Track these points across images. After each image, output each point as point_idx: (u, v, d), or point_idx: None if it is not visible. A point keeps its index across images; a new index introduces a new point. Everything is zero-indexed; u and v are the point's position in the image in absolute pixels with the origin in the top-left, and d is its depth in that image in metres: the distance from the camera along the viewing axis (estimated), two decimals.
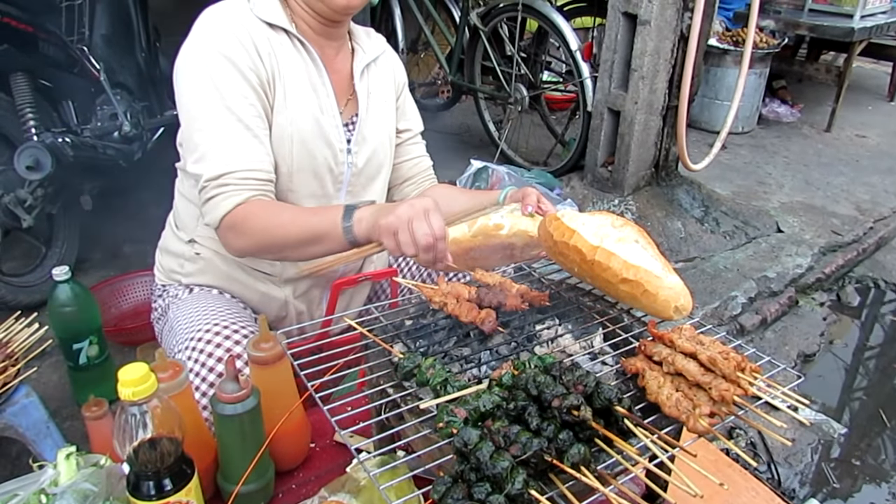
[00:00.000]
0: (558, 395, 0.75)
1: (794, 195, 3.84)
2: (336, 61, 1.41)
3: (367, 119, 1.43)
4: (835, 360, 2.76)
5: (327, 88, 1.35)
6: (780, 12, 4.64)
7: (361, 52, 1.45)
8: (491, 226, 1.24)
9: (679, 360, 0.88)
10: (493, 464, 0.68)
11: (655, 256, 1.04)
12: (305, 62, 1.33)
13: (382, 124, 1.48)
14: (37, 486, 1.00)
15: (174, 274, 1.48)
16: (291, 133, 1.30)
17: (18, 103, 2.44)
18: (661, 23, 2.88)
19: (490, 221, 1.24)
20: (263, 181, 1.24)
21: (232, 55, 1.21)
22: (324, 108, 1.35)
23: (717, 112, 4.49)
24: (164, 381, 0.99)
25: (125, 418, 0.90)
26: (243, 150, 1.21)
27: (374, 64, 1.48)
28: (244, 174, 1.21)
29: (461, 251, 1.23)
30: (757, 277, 2.97)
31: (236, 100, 1.21)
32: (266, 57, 1.26)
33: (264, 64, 1.25)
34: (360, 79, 1.43)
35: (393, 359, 0.95)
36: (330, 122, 1.35)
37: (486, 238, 1.24)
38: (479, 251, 1.24)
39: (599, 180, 3.31)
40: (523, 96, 3.57)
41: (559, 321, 1.10)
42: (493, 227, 1.23)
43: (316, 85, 1.34)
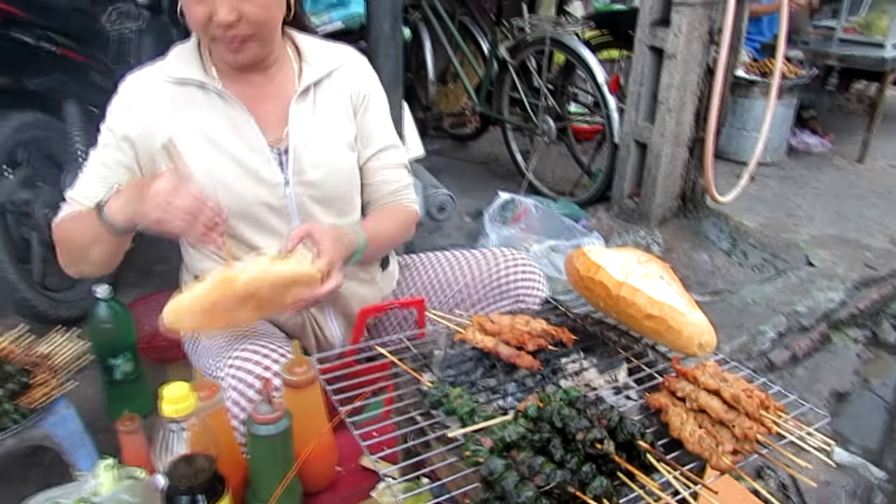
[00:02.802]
0: (582, 429, 0.77)
1: (826, 228, 3.79)
2: (270, 89, 1.42)
3: (308, 145, 1.41)
4: (873, 399, 2.69)
5: (251, 125, 1.37)
6: (808, 43, 4.64)
7: (308, 71, 1.43)
8: (226, 275, 1.17)
9: (702, 396, 0.90)
10: (518, 493, 0.70)
11: (680, 293, 1.06)
12: (224, 107, 1.36)
13: (334, 144, 1.45)
14: (78, 495, 1.05)
15: None
16: (213, 183, 1.34)
17: (69, 128, 2.56)
18: (688, 56, 2.91)
19: (227, 272, 1.18)
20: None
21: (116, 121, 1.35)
22: (252, 146, 1.37)
23: (745, 143, 4.48)
24: (202, 400, 1.03)
25: (165, 433, 0.94)
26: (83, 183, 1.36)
27: (326, 79, 1.45)
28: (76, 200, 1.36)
29: (204, 306, 1.17)
30: (787, 312, 2.93)
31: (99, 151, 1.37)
32: (159, 119, 1.34)
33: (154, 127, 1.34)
34: (299, 102, 1.41)
35: (422, 387, 0.98)
36: (261, 158, 1.37)
37: (225, 288, 1.16)
38: (222, 303, 1.17)
39: (626, 212, 3.32)
40: (550, 127, 3.61)
41: (584, 355, 1.12)
42: (229, 277, 1.17)
43: (240, 126, 1.37)
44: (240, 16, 1.23)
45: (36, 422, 1.44)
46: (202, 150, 1.35)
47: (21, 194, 2.48)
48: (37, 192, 2.50)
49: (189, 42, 1.40)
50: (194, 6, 1.23)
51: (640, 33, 3.01)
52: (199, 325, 1.20)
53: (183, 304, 1.17)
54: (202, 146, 1.35)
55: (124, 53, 3.04)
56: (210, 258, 1.46)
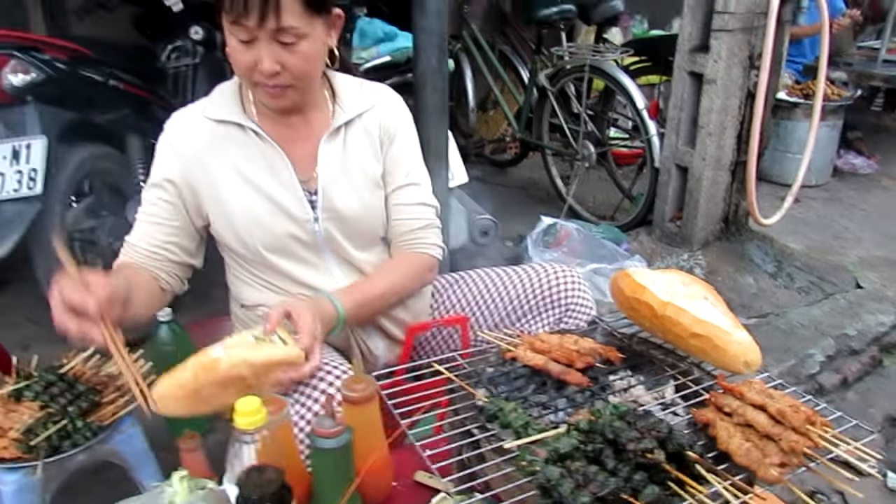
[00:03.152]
0: (633, 439, 0.82)
1: (874, 250, 3.73)
2: (305, 130, 1.47)
3: (337, 182, 1.46)
4: None
5: (286, 163, 1.43)
6: (851, 64, 4.61)
7: (340, 112, 1.48)
8: (207, 361, 1.16)
9: (749, 411, 0.93)
10: (574, 499, 0.75)
11: (724, 313, 1.10)
12: (261, 146, 1.42)
13: (361, 183, 1.50)
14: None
15: (249, 325, 1.58)
16: (248, 218, 1.42)
17: (132, 161, 2.72)
18: (728, 81, 2.93)
19: (206, 357, 1.16)
20: (143, 253, 1.43)
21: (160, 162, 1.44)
22: (285, 184, 1.43)
23: (789, 165, 4.44)
24: (271, 414, 1.10)
25: (238, 445, 1.01)
26: (137, 227, 1.44)
27: (357, 120, 1.50)
28: (130, 243, 1.44)
29: (188, 393, 1.16)
30: (836, 335, 2.89)
31: (148, 192, 1.44)
32: (198, 159, 1.41)
33: (194, 166, 1.41)
34: (329, 141, 1.47)
35: (476, 402, 1.03)
36: (292, 196, 1.44)
37: (207, 375, 1.15)
38: (207, 389, 1.16)
39: (668, 235, 3.33)
40: (591, 153, 3.66)
41: (631, 372, 1.16)
42: (210, 362, 1.15)
43: (274, 164, 1.43)
44: (282, 66, 1.28)
45: (105, 438, 1.50)
46: (238, 187, 1.42)
47: (87, 223, 2.64)
48: (101, 221, 2.64)
49: (232, 81, 1.47)
50: (239, 54, 1.28)
51: (680, 59, 3.05)
52: (186, 409, 1.19)
53: (169, 391, 1.17)
54: (238, 184, 1.42)
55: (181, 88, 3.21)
56: (251, 286, 1.55)
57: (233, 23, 1.24)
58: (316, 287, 1.51)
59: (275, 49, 1.26)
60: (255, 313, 1.55)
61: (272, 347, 1.20)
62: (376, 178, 1.52)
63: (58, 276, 1.14)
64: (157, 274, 1.44)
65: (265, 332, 1.23)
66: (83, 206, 2.64)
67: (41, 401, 1.47)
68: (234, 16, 1.23)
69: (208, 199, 1.44)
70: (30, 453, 1.37)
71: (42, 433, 1.39)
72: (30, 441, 1.38)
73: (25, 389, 1.49)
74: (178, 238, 1.45)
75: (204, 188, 1.43)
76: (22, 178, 2.22)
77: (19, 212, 2.24)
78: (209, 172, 1.42)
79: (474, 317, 1.73)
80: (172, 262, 1.46)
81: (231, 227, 1.45)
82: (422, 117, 2.07)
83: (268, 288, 1.53)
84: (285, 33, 1.25)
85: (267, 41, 1.25)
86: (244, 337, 1.23)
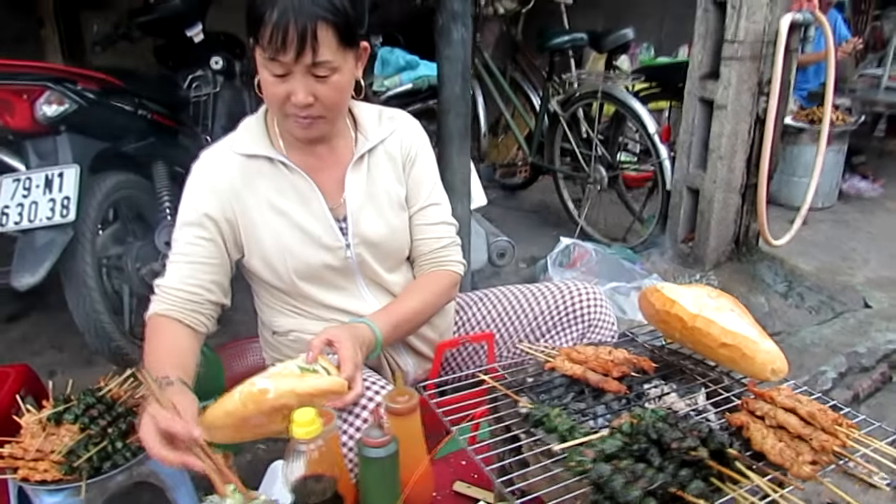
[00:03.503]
0: (677, 439, 0.87)
1: (881, 270, 3.79)
2: (331, 159, 1.51)
3: (364, 209, 1.51)
4: None
5: (316, 193, 1.47)
6: (855, 90, 4.72)
7: (363, 141, 1.52)
8: (256, 391, 1.20)
9: (780, 414, 0.99)
10: (626, 493, 0.80)
11: (751, 324, 1.16)
12: (291, 177, 1.46)
13: (387, 207, 1.54)
14: None
15: (281, 350, 1.63)
16: (281, 249, 1.45)
17: (157, 188, 2.78)
18: (738, 107, 3.02)
19: (255, 387, 1.20)
20: (182, 297, 1.41)
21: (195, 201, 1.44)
22: (315, 213, 1.47)
23: (796, 189, 4.53)
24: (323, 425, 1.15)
25: (295, 454, 1.06)
26: (172, 270, 1.43)
27: (380, 146, 1.55)
28: (166, 288, 1.42)
29: (236, 422, 1.21)
30: (846, 353, 2.94)
31: (182, 233, 1.44)
32: (233, 193, 1.43)
33: (230, 200, 1.43)
34: (354, 170, 1.51)
35: (520, 410, 1.09)
36: (323, 225, 1.48)
37: (256, 405, 1.19)
38: (254, 419, 1.21)
39: (680, 256, 3.40)
40: (603, 176, 3.74)
41: (664, 382, 1.22)
42: (258, 393, 1.19)
43: (304, 194, 1.47)
44: (315, 98, 1.32)
45: (144, 459, 1.51)
46: (271, 219, 1.46)
47: (114, 249, 2.70)
48: (128, 248, 2.70)
49: (256, 116, 1.52)
50: (273, 86, 1.31)
51: (690, 86, 3.14)
52: (231, 437, 1.24)
53: (217, 420, 1.21)
54: (271, 216, 1.46)
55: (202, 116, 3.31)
56: (284, 314, 1.58)
57: (270, 59, 1.28)
58: (349, 311, 1.54)
59: (309, 82, 1.30)
60: (287, 338, 1.59)
61: (317, 378, 1.23)
62: (401, 201, 1.57)
63: (150, 411, 1.16)
64: (195, 318, 1.43)
65: (308, 361, 1.26)
66: (110, 232, 2.71)
67: (81, 423, 1.48)
68: (271, 52, 1.26)
69: (245, 233, 1.47)
70: (71, 475, 1.39)
71: (84, 454, 1.40)
72: (72, 463, 1.40)
73: (65, 413, 1.50)
74: (217, 276, 1.46)
75: (241, 221, 1.46)
76: (55, 205, 2.26)
77: (52, 239, 2.26)
78: (245, 206, 1.45)
79: (499, 333, 1.79)
80: (211, 301, 1.46)
81: (265, 259, 1.48)
82: (446, 142, 2.15)
83: (300, 314, 1.57)
84: (320, 67, 1.29)
85: (302, 74, 1.29)
86: (288, 367, 1.26)
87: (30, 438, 1.48)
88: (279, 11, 1.23)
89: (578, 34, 3.92)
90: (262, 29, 1.25)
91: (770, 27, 2.93)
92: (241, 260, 1.53)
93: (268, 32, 1.24)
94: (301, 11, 1.23)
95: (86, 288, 2.40)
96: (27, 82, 2.27)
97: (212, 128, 3.35)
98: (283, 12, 1.23)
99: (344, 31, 1.29)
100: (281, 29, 1.23)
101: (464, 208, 2.23)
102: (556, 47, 3.95)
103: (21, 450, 1.46)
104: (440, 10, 2.02)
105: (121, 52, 3.25)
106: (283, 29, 1.23)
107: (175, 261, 1.45)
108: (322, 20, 1.25)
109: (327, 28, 1.26)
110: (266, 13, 1.24)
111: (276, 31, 1.23)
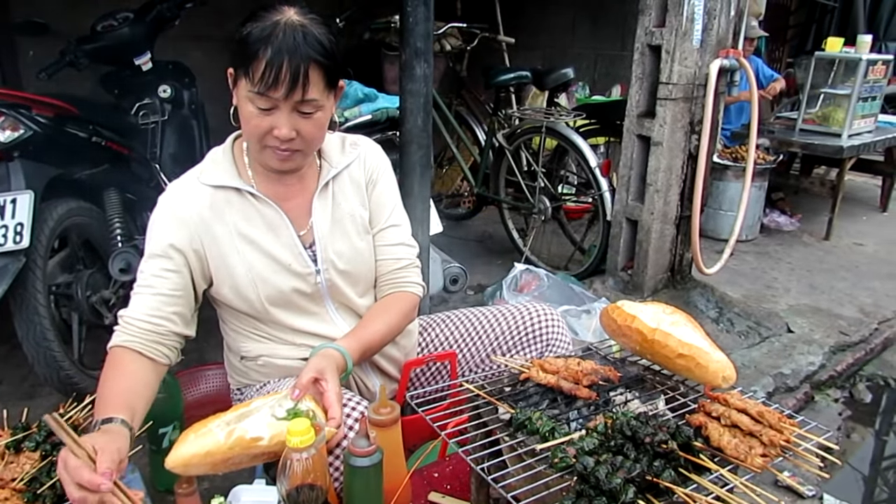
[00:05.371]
0: (650, 434, 0.98)
1: (801, 298, 4.07)
2: (298, 187, 1.56)
3: (331, 234, 1.56)
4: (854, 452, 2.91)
5: (285, 222, 1.51)
6: (773, 132, 5.08)
7: (328, 168, 1.57)
8: (248, 439, 1.22)
9: (734, 414, 1.11)
10: (609, 481, 0.90)
11: (703, 337, 1.29)
12: (259, 207, 1.50)
13: (353, 232, 1.60)
14: None
15: (249, 375, 1.66)
16: (252, 277, 1.49)
17: (109, 215, 2.74)
18: (672, 144, 3.25)
19: (248, 434, 1.22)
20: (145, 329, 1.42)
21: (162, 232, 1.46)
22: (284, 241, 1.52)
23: (722, 221, 4.83)
24: None
25: (289, 462, 1.11)
26: (136, 302, 1.44)
27: (345, 171, 1.60)
28: (129, 319, 1.43)
29: (216, 462, 1.22)
30: (773, 374, 3.16)
31: (148, 264, 1.46)
32: (202, 224, 1.46)
33: (198, 231, 1.46)
34: (320, 197, 1.56)
35: (502, 415, 1.18)
36: (293, 252, 1.52)
37: (243, 449, 1.22)
38: (236, 459, 1.23)
39: (620, 283, 3.58)
40: (547, 207, 3.91)
41: (627, 389, 1.33)
42: (250, 441, 1.22)
43: (273, 223, 1.51)
44: (297, 133, 1.38)
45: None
46: (241, 249, 1.49)
47: (63, 277, 2.64)
48: (78, 276, 2.65)
49: (223, 147, 1.57)
50: (257, 118, 1.35)
51: (629, 123, 3.36)
52: (205, 472, 1.26)
53: (195, 458, 1.22)
54: (241, 246, 1.49)
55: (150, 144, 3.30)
56: (253, 339, 1.61)
57: (257, 93, 1.32)
58: (319, 335, 1.59)
59: (293, 117, 1.36)
60: (256, 363, 1.62)
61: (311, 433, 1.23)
62: (365, 224, 1.63)
63: (63, 455, 1.13)
64: (157, 350, 1.43)
65: (293, 398, 1.27)
66: (58, 260, 2.64)
67: (42, 450, 1.48)
68: (262, 88, 1.31)
69: (214, 263, 1.50)
70: (34, 502, 1.38)
71: (47, 482, 1.39)
72: (35, 490, 1.38)
73: (25, 440, 1.50)
74: (180, 308, 1.47)
75: (210, 252, 1.49)
76: (7, 231, 2.21)
77: (4, 266, 2.20)
78: (214, 237, 1.48)
79: (461, 353, 1.88)
80: (174, 333, 1.46)
81: (235, 287, 1.51)
82: (407, 172, 2.24)
83: (270, 339, 1.60)
84: (307, 105, 1.36)
85: (288, 110, 1.35)
86: (268, 404, 1.27)
87: None
88: (274, 50, 1.28)
89: (523, 72, 4.11)
90: (255, 64, 1.29)
91: (700, 71, 3.18)
92: (209, 290, 1.55)
93: (261, 69, 1.29)
94: (296, 52, 1.29)
95: (37, 316, 2.35)
96: None
97: (160, 156, 3.34)
98: (277, 51, 1.28)
99: (331, 72, 1.36)
100: (275, 67, 1.28)
101: (424, 235, 2.31)
102: (501, 83, 4.13)
103: None
104: (403, 47, 2.13)
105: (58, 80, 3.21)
106: (278, 67, 1.28)
107: (139, 292, 1.45)
108: (314, 62, 1.31)
109: (318, 69, 1.33)
110: (260, 50, 1.29)
111: (269, 69, 1.28)
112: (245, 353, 1.63)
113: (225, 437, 1.20)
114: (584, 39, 6.00)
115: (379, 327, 1.59)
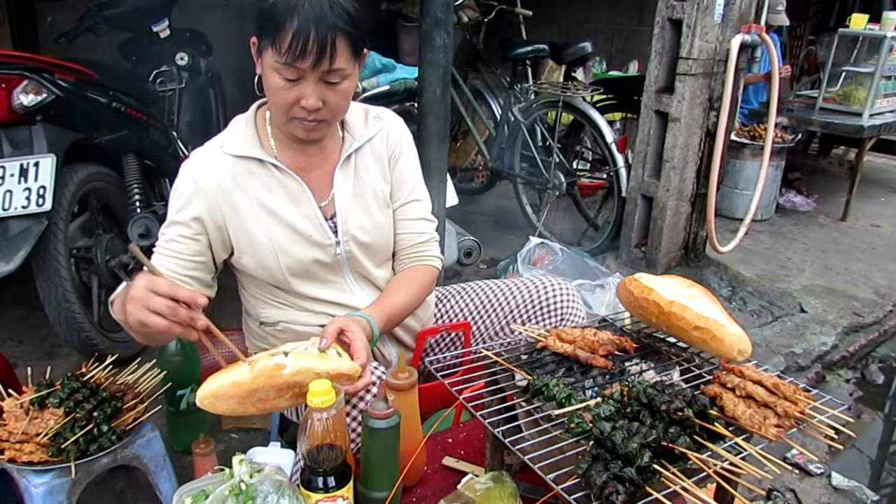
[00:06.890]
0: (665, 401, 0.99)
1: (815, 279, 4.06)
2: (320, 159, 1.55)
3: (352, 207, 1.56)
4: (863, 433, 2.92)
5: (307, 193, 1.50)
6: (792, 110, 5.02)
7: (351, 140, 1.57)
8: (272, 366, 1.21)
9: (749, 385, 1.13)
10: (625, 445, 0.92)
11: (720, 310, 1.30)
12: (281, 178, 1.50)
13: (374, 205, 1.59)
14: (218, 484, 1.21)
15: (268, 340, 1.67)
16: (273, 248, 1.49)
17: (128, 180, 2.78)
18: (690, 120, 3.23)
19: (271, 361, 1.21)
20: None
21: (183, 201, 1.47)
22: (306, 212, 1.51)
23: (737, 200, 4.80)
24: None
25: (309, 422, 1.14)
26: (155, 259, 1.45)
27: (367, 145, 1.59)
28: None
29: (243, 393, 1.21)
30: (785, 353, 3.17)
31: (169, 228, 1.47)
32: (222, 194, 1.47)
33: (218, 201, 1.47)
34: (342, 169, 1.55)
35: (519, 382, 1.20)
36: (314, 223, 1.52)
37: (268, 378, 1.20)
38: (263, 392, 1.22)
39: (633, 260, 3.58)
40: (561, 182, 3.90)
41: (642, 360, 1.35)
42: (274, 367, 1.20)
43: (295, 194, 1.51)
44: (324, 103, 1.37)
45: (129, 442, 1.57)
46: (263, 220, 1.49)
47: (82, 241, 2.69)
48: (97, 240, 2.70)
49: (245, 116, 1.56)
50: (283, 90, 1.34)
51: (647, 99, 3.34)
52: (233, 409, 1.23)
53: (222, 389, 1.20)
54: (263, 217, 1.49)
55: (168, 111, 3.33)
56: (272, 306, 1.62)
57: (284, 64, 1.31)
58: (338, 303, 1.60)
59: (320, 87, 1.35)
60: (275, 328, 1.63)
61: (336, 360, 1.26)
62: (386, 198, 1.64)
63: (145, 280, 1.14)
64: None
65: (321, 347, 1.28)
66: (79, 224, 2.69)
67: (66, 407, 1.51)
68: (289, 58, 1.30)
69: (234, 233, 1.51)
70: (58, 457, 1.44)
71: (71, 437, 1.45)
72: (60, 445, 1.44)
73: (49, 396, 1.54)
74: (197, 272, 1.48)
75: (230, 223, 1.50)
76: (30, 194, 2.25)
77: (27, 228, 2.25)
78: (235, 207, 1.49)
79: (475, 324, 1.89)
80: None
81: (257, 257, 1.52)
82: (425, 143, 2.25)
83: (290, 307, 1.61)
84: (334, 74, 1.35)
85: (314, 80, 1.34)
86: (305, 348, 1.29)
87: (14, 422, 1.51)
88: (301, 20, 1.27)
89: (540, 45, 4.07)
90: (282, 35, 1.29)
91: (721, 46, 3.14)
92: (230, 258, 1.56)
93: (287, 39, 1.28)
94: (322, 21, 1.28)
95: (59, 278, 2.39)
96: (5, 71, 2.26)
97: (177, 123, 3.37)
98: (304, 21, 1.27)
99: (357, 41, 1.36)
100: (302, 37, 1.27)
101: (440, 207, 2.32)
102: (518, 57, 4.10)
103: (6, 432, 1.49)
104: (424, 16, 2.12)
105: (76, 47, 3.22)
106: (305, 37, 1.27)
107: (159, 251, 1.47)
108: (341, 31, 1.31)
109: (344, 38, 1.32)
110: (287, 20, 1.28)
111: (296, 39, 1.27)
112: (264, 319, 1.65)
113: (250, 367, 1.21)
114: (602, 14, 5.93)
115: (402, 298, 1.61)
